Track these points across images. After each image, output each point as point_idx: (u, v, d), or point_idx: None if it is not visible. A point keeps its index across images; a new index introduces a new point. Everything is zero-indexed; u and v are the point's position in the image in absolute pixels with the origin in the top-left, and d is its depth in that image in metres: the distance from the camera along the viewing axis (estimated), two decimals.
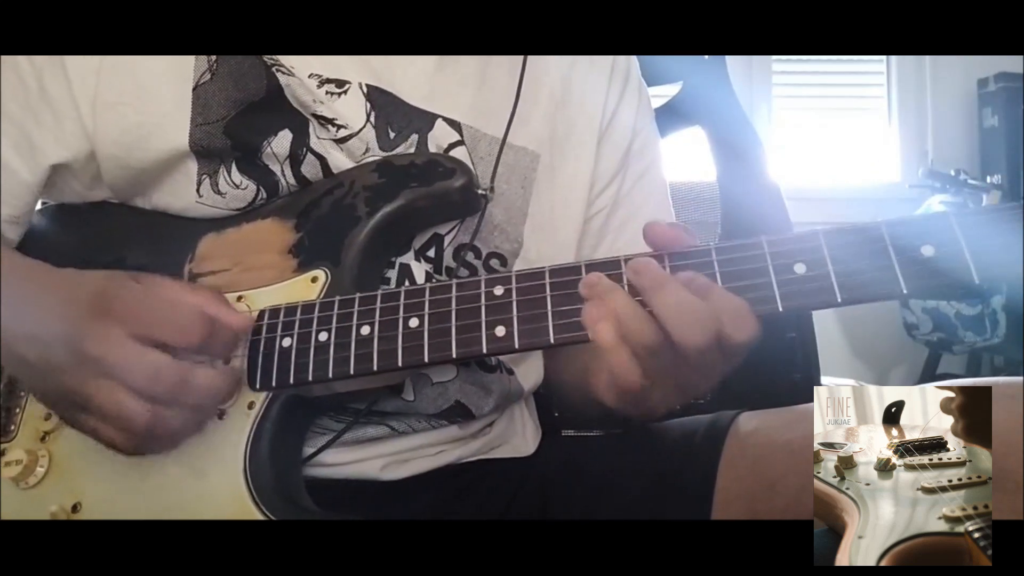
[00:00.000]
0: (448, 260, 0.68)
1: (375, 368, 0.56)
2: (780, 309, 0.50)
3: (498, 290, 0.55)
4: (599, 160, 0.76)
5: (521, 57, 0.71)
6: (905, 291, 0.48)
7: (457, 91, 0.70)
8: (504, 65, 0.72)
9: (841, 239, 0.50)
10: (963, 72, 2.89)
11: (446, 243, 0.68)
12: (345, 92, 0.66)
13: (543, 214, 0.72)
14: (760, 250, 0.51)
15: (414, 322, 0.56)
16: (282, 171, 0.66)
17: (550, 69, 0.74)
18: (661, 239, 0.53)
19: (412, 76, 0.68)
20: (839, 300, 0.49)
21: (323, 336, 0.58)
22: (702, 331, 0.47)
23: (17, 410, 0.63)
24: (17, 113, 0.65)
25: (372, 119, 0.66)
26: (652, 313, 0.48)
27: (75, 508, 0.59)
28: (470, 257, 0.69)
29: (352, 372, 0.57)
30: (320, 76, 0.66)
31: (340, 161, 0.66)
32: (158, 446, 0.57)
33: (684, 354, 0.48)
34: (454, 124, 0.68)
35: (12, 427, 0.63)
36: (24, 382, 0.61)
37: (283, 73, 0.66)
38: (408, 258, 0.66)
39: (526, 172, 0.71)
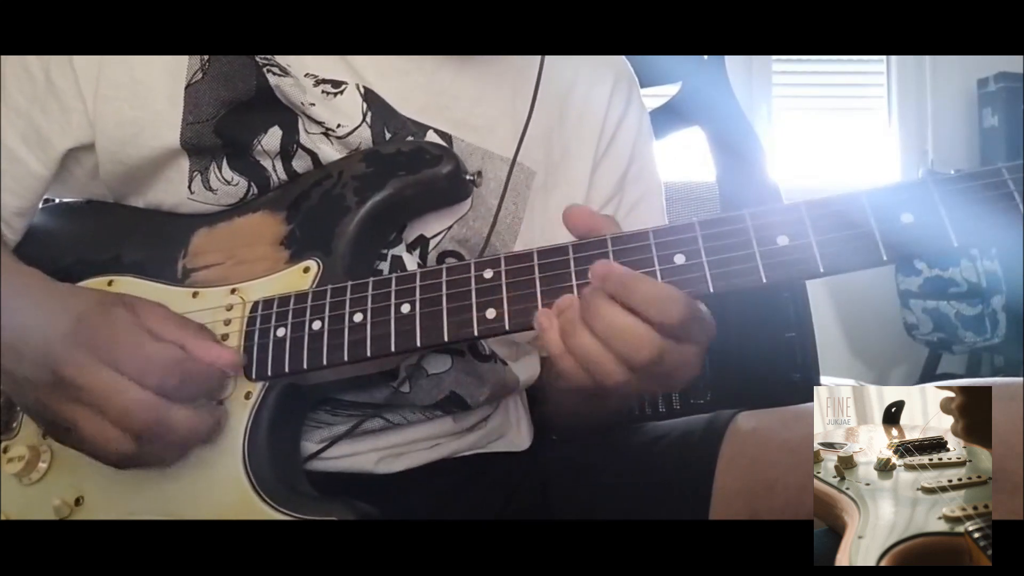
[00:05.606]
0: (432, 264, 0.68)
1: (368, 354, 0.57)
2: (764, 281, 0.50)
3: (488, 273, 0.56)
4: (591, 187, 0.76)
5: (531, 73, 0.70)
6: (885, 258, 0.49)
7: (450, 104, 0.69)
8: (506, 83, 0.72)
9: (823, 210, 0.51)
10: (963, 72, 2.90)
11: (431, 246, 0.68)
12: (341, 92, 0.66)
13: (533, 234, 0.72)
14: (743, 224, 0.52)
15: (406, 308, 0.57)
16: (273, 166, 0.67)
17: (551, 90, 0.73)
18: (582, 226, 0.54)
19: (405, 88, 0.68)
20: (821, 270, 0.50)
21: (317, 325, 0.59)
22: (639, 349, 0.49)
23: (18, 408, 0.63)
24: (24, 105, 0.66)
25: (368, 119, 0.67)
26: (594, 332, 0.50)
27: (78, 501, 0.60)
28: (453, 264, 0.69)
29: (346, 359, 0.57)
30: (316, 76, 0.66)
31: (331, 155, 0.66)
32: (139, 467, 0.56)
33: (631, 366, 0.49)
34: (445, 136, 0.68)
35: (14, 424, 0.63)
36: (9, 393, 0.61)
37: (274, 74, 0.66)
38: (400, 250, 0.67)
39: (520, 189, 0.71)
